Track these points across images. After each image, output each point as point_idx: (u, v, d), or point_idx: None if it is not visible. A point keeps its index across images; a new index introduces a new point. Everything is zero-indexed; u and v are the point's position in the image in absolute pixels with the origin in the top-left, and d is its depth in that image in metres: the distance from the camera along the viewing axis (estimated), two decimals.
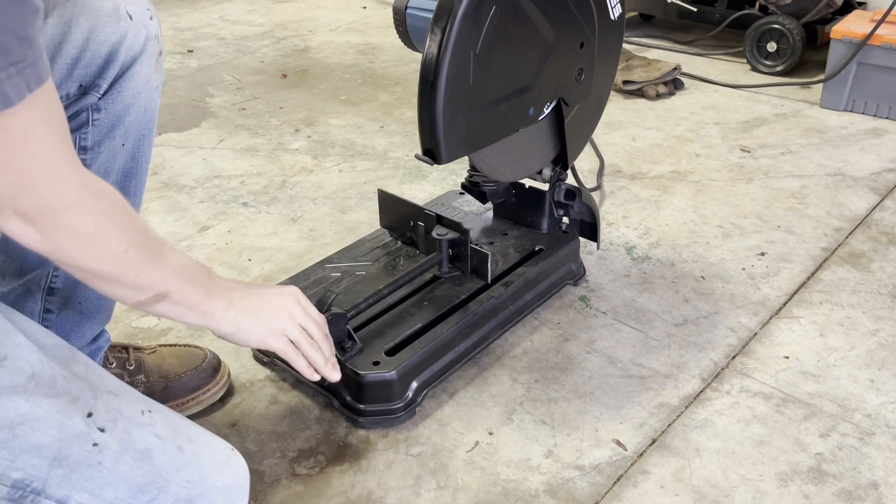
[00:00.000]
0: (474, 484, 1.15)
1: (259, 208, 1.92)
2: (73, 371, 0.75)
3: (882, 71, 2.28)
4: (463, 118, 1.14)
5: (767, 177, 2.01)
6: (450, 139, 1.14)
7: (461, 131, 1.16)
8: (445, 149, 1.14)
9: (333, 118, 2.44)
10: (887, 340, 1.42)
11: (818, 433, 1.23)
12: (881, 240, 1.73)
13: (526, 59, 1.22)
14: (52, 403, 0.70)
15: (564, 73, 1.32)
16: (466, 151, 1.21)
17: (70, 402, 0.72)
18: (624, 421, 1.25)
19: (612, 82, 1.49)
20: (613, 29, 1.38)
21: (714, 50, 2.89)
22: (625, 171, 2.06)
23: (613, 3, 1.35)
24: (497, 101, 1.19)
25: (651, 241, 1.74)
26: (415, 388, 1.26)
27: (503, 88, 1.20)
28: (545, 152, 1.45)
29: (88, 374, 0.77)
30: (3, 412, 0.67)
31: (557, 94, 1.34)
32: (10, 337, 0.71)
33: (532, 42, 1.22)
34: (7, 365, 0.69)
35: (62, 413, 0.71)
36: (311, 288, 1.40)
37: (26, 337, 0.72)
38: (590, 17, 1.32)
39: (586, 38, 1.33)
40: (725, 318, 1.48)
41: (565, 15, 1.26)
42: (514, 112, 1.25)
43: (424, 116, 1.12)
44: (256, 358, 1.40)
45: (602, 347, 1.41)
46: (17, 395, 0.68)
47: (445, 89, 1.10)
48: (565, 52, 1.29)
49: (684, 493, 1.12)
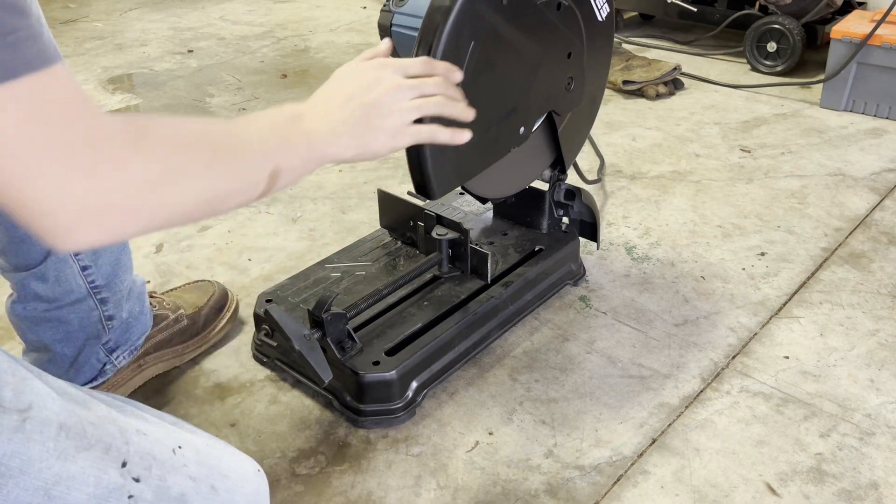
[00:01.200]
0: (474, 484, 1.15)
1: (259, 208, 1.92)
2: (97, 413, 0.70)
3: (882, 71, 2.28)
4: (452, 151, 1.09)
5: (767, 177, 2.01)
6: (440, 174, 1.11)
7: (451, 164, 1.13)
8: (437, 185, 1.12)
9: None
10: (887, 340, 1.42)
11: (818, 433, 1.22)
12: (881, 240, 1.73)
13: (512, 83, 1.19)
14: (86, 457, 0.66)
15: (554, 86, 1.30)
16: (458, 183, 1.18)
17: (104, 452, 0.67)
18: (624, 421, 1.25)
19: (605, 81, 1.47)
20: (602, 30, 1.36)
21: (714, 50, 2.88)
22: (625, 171, 2.06)
23: (600, 5, 1.32)
24: (486, 128, 1.15)
25: (651, 241, 1.74)
26: (415, 388, 1.26)
27: (491, 115, 1.16)
28: (542, 160, 1.44)
29: (113, 415, 0.71)
30: (36, 474, 0.63)
31: (548, 108, 1.32)
32: (30, 384, 0.65)
33: (517, 65, 1.19)
34: (33, 416, 0.64)
35: (97, 467, 0.66)
36: (311, 288, 1.40)
37: (44, 383, 0.67)
38: (575, 26, 1.29)
39: (574, 48, 1.30)
40: (725, 318, 1.48)
41: (549, 30, 1.23)
42: (504, 135, 1.21)
43: (412, 154, 1.09)
44: (256, 358, 1.40)
45: (602, 347, 1.41)
46: (48, 452, 0.63)
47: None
48: (553, 66, 1.27)
49: (684, 494, 1.12)
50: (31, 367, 0.68)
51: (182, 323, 1.37)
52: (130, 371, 1.31)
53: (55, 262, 1.14)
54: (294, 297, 1.38)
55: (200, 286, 1.48)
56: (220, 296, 1.46)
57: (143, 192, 0.63)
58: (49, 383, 0.68)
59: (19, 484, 0.62)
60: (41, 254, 1.13)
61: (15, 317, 1.21)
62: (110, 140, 0.61)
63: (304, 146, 0.81)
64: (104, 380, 1.27)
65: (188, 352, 1.39)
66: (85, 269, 1.17)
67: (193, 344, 1.39)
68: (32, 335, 1.21)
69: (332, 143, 0.84)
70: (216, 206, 0.72)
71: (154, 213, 0.65)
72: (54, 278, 1.15)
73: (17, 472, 0.62)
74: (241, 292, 1.58)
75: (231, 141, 0.74)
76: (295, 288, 1.41)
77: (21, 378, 0.65)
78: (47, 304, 1.17)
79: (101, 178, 0.60)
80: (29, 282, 1.15)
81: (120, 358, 1.28)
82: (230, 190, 0.72)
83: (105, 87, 2.75)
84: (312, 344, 1.18)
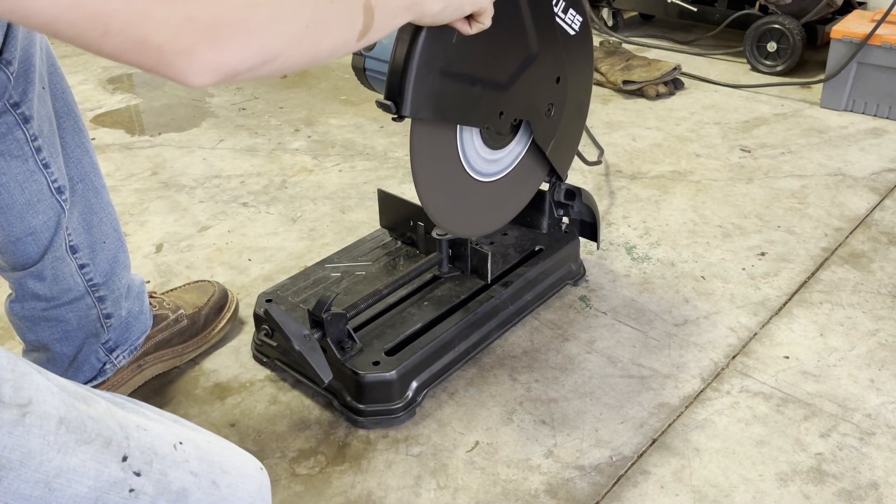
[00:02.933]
0: (474, 484, 1.15)
1: (259, 208, 1.92)
2: (97, 409, 0.70)
3: (882, 71, 2.28)
4: (437, 75, 1.08)
5: (767, 177, 2.01)
6: (419, 92, 1.07)
7: (432, 88, 1.09)
8: (413, 99, 1.07)
9: (333, 118, 2.44)
10: (887, 340, 1.42)
11: (818, 433, 1.22)
12: (881, 240, 1.73)
13: (498, 65, 1.19)
14: (87, 450, 0.66)
15: (536, 97, 1.30)
16: (431, 114, 1.12)
17: (104, 446, 0.68)
18: (624, 421, 1.25)
19: (590, 87, 1.45)
20: (577, 41, 1.33)
21: (714, 50, 2.89)
22: (625, 171, 2.06)
23: (570, 20, 1.29)
24: (472, 80, 1.15)
25: (651, 241, 1.74)
26: (415, 388, 1.26)
27: (479, 71, 1.16)
28: (536, 179, 1.45)
29: (113, 411, 0.72)
30: (36, 466, 0.63)
31: (527, 116, 1.30)
32: (29, 379, 0.66)
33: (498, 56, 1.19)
34: (33, 410, 0.64)
35: (97, 460, 0.67)
36: (311, 288, 1.40)
37: (44, 377, 0.68)
38: (552, 43, 1.27)
39: (560, 74, 1.31)
40: (725, 318, 1.48)
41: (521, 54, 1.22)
42: (485, 102, 1.19)
43: (398, 61, 1.05)
44: (256, 358, 1.40)
45: (602, 347, 1.41)
46: (48, 445, 0.64)
47: (425, 40, 1.04)
48: (538, 75, 1.27)
49: (684, 494, 1.12)
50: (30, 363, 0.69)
51: (182, 323, 1.37)
52: (130, 371, 1.31)
53: (52, 260, 1.14)
54: (294, 297, 1.38)
55: (200, 286, 1.48)
56: (220, 296, 1.46)
57: (239, 6, 0.64)
58: (49, 378, 0.68)
59: (20, 476, 0.62)
60: (38, 252, 1.13)
61: (13, 316, 1.21)
62: None
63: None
64: (104, 379, 1.27)
65: (188, 352, 1.39)
66: (83, 266, 1.18)
67: (193, 344, 1.39)
68: (31, 335, 1.21)
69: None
70: (321, 32, 0.73)
71: (264, 29, 0.67)
72: (52, 277, 1.15)
73: (17, 464, 0.62)
74: (241, 292, 1.58)
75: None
76: (295, 288, 1.41)
77: (20, 373, 0.65)
78: (45, 302, 1.17)
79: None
80: (26, 281, 1.15)
81: (120, 357, 1.28)
82: (330, 16, 0.74)
83: (105, 87, 2.75)
84: (312, 344, 1.18)
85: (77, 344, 1.22)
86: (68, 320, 1.20)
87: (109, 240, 1.21)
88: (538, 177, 1.45)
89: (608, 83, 2.60)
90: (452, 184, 1.26)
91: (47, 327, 1.20)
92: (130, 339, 1.29)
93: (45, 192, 1.10)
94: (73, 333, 1.21)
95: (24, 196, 1.08)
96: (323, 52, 0.76)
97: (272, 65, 0.70)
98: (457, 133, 1.23)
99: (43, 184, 1.09)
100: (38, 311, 1.18)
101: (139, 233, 1.82)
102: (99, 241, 1.20)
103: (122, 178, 2.08)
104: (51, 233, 1.12)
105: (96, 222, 1.19)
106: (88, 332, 1.22)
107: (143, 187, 2.03)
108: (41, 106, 1.07)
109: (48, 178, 1.09)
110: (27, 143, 1.06)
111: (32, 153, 1.07)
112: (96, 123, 2.44)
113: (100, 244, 1.20)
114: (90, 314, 1.21)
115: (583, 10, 1.31)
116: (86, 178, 1.17)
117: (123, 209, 1.92)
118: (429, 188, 1.21)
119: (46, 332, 1.20)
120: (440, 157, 1.21)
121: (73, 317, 1.20)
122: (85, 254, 1.17)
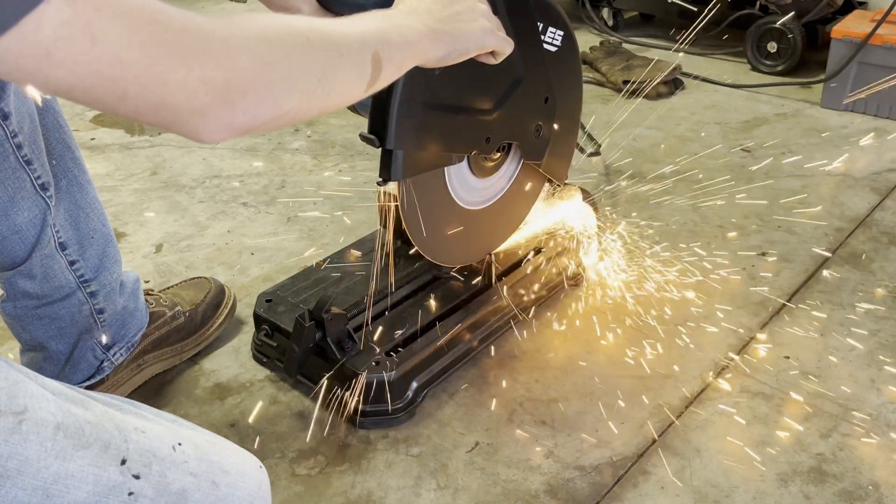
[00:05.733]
0: (474, 484, 1.15)
1: (259, 208, 1.91)
2: (94, 412, 0.70)
3: (882, 71, 2.27)
4: (419, 107, 1.08)
5: (768, 177, 2.01)
6: (402, 125, 1.07)
7: (415, 119, 1.09)
8: (396, 132, 1.07)
9: (333, 118, 2.44)
10: (887, 340, 1.42)
11: (818, 433, 1.22)
12: (881, 240, 1.73)
13: (480, 94, 1.18)
14: (85, 455, 0.66)
15: (522, 119, 1.29)
16: (415, 146, 1.12)
17: (102, 450, 0.67)
18: (624, 421, 1.25)
19: (580, 95, 1.42)
20: (561, 56, 1.30)
21: (714, 50, 2.88)
22: (625, 171, 2.05)
23: (552, 38, 1.27)
24: (456, 110, 1.14)
25: (651, 240, 1.73)
26: (415, 388, 1.26)
27: (464, 101, 1.15)
28: (532, 194, 1.45)
29: (110, 414, 0.71)
30: (34, 474, 0.63)
31: (513, 138, 1.29)
32: (23, 388, 0.64)
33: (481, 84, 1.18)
34: (29, 417, 0.63)
35: (96, 465, 0.66)
36: (311, 288, 1.40)
37: (38, 385, 0.67)
38: (538, 65, 1.26)
39: (548, 94, 1.30)
40: (726, 319, 1.48)
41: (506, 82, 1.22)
42: (471, 130, 1.19)
43: (381, 94, 1.04)
44: (256, 358, 1.40)
45: (602, 347, 1.41)
46: (45, 452, 0.63)
47: (407, 73, 1.00)
48: (525, 95, 1.26)
49: (684, 494, 1.12)
50: (24, 370, 0.68)
51: (179, 319, 1.37)
52: (130, 371, 1.31)
53: (41, 258, 1.14)
54: (294, 297, 1.38)
55: (197, 283, 1.48)
56: (216, 292, 1.46)
57: (253, 67, 0.66)
58: (44, 385, 0.68)
59: (17, 484, 0.62)
60: (25, 250, 1.12)
61: (6, 316, 1.21)
62: (208, 30, 0.63)
63: (399, 35, 0.85)
64: (102, 377, 1.27)
65: (187, 350, 1.39)
66: (73, 263, 1.17)
67: (192, 342, 1.39)
68: (25, 334, 1.21)
69: (427, 35, 0.89)
70: (331, 85, 0.74)
71: (277, 87, 0.68)
72: (42, 275, 1.15)
73: (14, 472, 0.62)
74: (241, 292, 1.58)
75: (323, 28, 0.76)
76: (295, 288, 1.40)
77: (13, 382, 0.65)
78: (37, 300, 1.17)
79: (214, 58, 0.63)
80: (16, 280, 1.15)
81: (117, 355, 1.27)
82: (339, 69, 0.75)
83: None
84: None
85: (72, 341, 1.22)
86: (61, 317, 1.20)
87: (98, 235, 1.21)
88: (534, 192, 1.45)
89: (608, 83, 2.60)
90: (444, 220, 1.27)
91: (40, 325, 1.20)
92: (127, 336, 1.29)
93: (28, 190, 1.09)
94: (67, 330, 1.21)
95: (6, 193, 1.07)
96: (334, 103, 0.77)
97: (284, 119, 0.72)
98: (445, 175, 1.24)
99: (26, 181, 1.09)
100: (30, 310, 1.18)
101: (139, 233, 1.82)
102: (87, 236, 1.19)
103: (121, 178, 2.08)
104: (37, 230, 1.12)
105: (83, 218, 1.19)
106: (82, 328, 1.22)
107: (142, 187, 2.03)
108: (20, 103, 1.06)
109: (31, 174, 1.09)
110: (7, 139, 1.05)
111: (13, 150, 1.06)
112: (96, 123, 2.44)
113: (88, 240, 1.20)
114: (83, 310, 1.21)
115: (563, 24, 1.28)
116: (70, 175, 1.17)
117: (123, 209, 1.92)
118: (421, 235, 1.23)
119: (40, 331, 1.20)
120: (431, 197, 1.23)
121: (65, 313, 1.20)
122: (74, 250, 1.17)
